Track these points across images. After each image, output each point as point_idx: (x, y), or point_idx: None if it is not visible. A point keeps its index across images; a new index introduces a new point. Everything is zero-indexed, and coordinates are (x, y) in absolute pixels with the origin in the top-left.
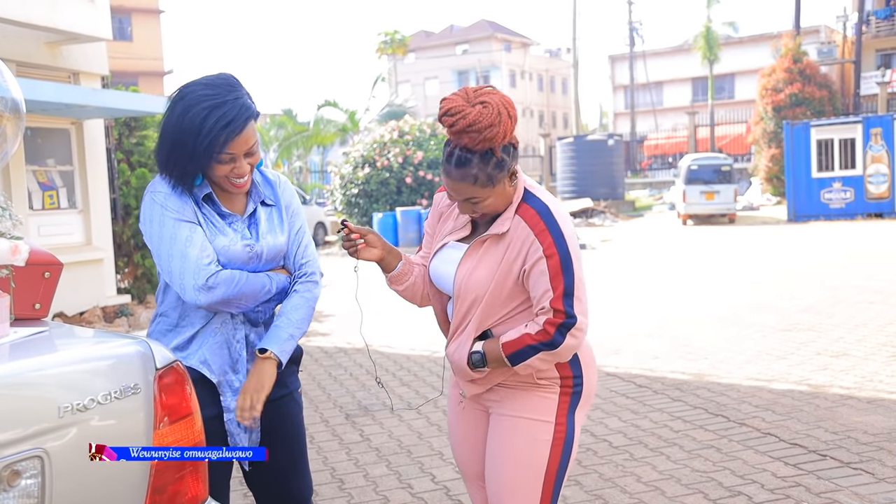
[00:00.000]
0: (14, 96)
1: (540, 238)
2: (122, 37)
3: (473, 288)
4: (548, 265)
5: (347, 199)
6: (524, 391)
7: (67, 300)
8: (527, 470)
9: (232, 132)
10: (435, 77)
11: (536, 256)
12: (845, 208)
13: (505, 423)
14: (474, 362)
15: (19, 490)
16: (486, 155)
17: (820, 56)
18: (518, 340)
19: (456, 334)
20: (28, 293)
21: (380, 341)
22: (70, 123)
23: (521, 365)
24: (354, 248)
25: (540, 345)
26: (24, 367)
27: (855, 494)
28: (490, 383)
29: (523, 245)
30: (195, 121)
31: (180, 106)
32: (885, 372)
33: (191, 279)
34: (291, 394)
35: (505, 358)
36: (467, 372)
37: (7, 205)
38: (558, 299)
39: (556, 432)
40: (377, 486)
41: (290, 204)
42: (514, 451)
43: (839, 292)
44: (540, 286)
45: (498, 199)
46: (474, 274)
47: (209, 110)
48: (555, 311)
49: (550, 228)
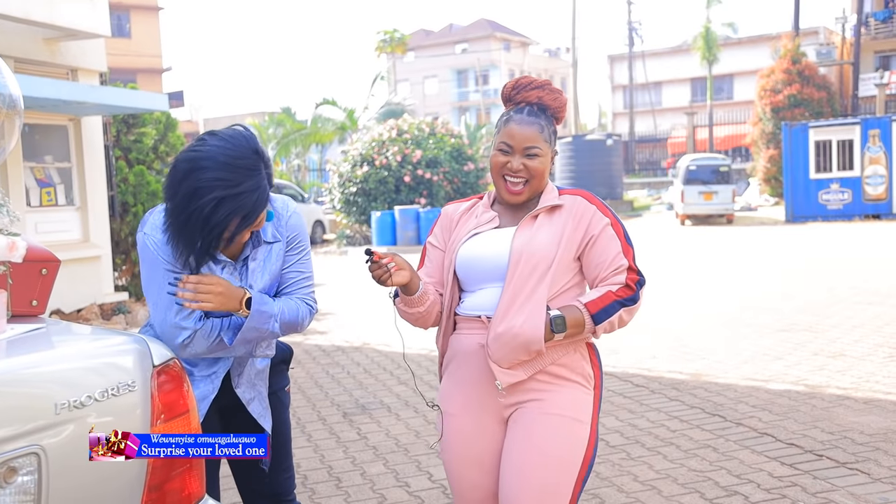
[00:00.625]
0: (12, 92)
1: (602, 211)
2: (121, 33)
3: (537, 251)
4: (615, 231)
5: (346, 197)
6: (565, 387)
7: (65, 297)
8: (565, 471)
9: (247, 222)
10: (434, 76)
11: (603, 224)
12: (843, 209)
13: (545, 423)
14: (555, 326)
15: (16, 487)
16: (550, 119)
17: (819, 57)
18: (603, 297)
19: (513, 307)
20: (25, 290)
21: (378, 340)
22: (68, 120)
23: (606, 322)
24: (388, 273)
25: (625, 300)
26: (20, 363)
27: (851, 494)
28: (534, 368)
29: (584, 216)
30: (204, 210)
31: (190, 183)
32: (881, 372)
33: (169, 335)
34: (276, 392)
35: (589, 317)
36: (534, 345)
37: (4, 201)
38: (632, 260)
39: (591, 436)
40: (374, 484)
41: (296, 238)
42: (556, 450)
43: (836, 293)
44: (612, 249)
45: (543, 168)
46: (535, 239)
47: (218, 202)
48: (631, 269)
49: (606, 206)
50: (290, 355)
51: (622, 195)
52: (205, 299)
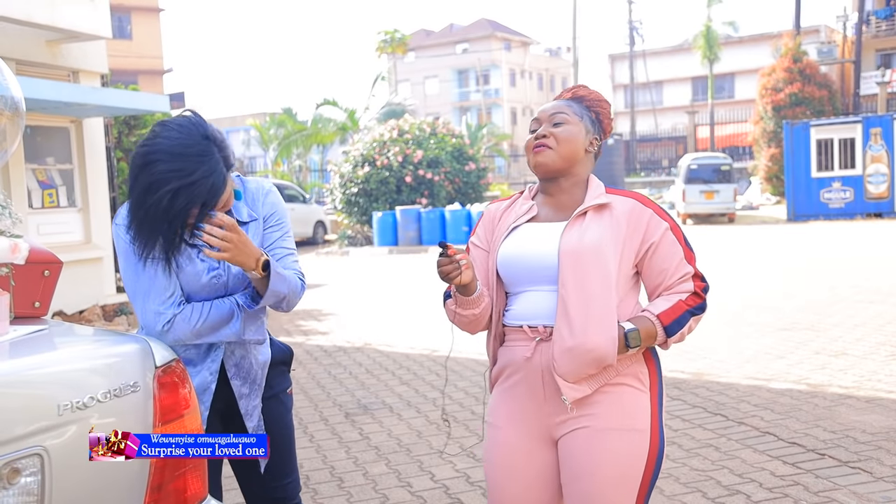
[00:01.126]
0: (14, 94)
1: (660, 215)
2: (122, 35)
3: (592, 248)
4: (675, 236)
5: (347, 197)
6: (621, 394)
7: (67, 299)
8: (620, 489)
9: (208, 207)
10: (435, 76)
11: (663, 228)
12: (845, 208)
13: (600, 440)
14: (630, 340)
15: (19, 488)
16: (586, 107)
17: (820, 56)
18: (675, 308)
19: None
20: (28, 291)
21: (379, 340)
22: (69, 122)
23: (677, 334)
24: (458, 270)
25: (694, 309)
26: (23, 365)
27: (853, 493)
28: (599, 382)
29: (640, 221)
30: (161, 203)
31: (144, 178)
32: (883, 371)
33: (150, 321)
34: (277, 395)
35: (661, 329)
36: (607, 359)
37: (7, 203)
38: (695, 266)
39: (652, 441)
40: (376, 484)
41: (273, 216)
42: (609, 470)
43: (838, 292)
44: (675, 255)
45: (572, 139)
46: (587, 235)
47: (174, 193)
48: (697, 276)
49: (662, 209)
50: (291, 356)
51: None
52: (224, 247)
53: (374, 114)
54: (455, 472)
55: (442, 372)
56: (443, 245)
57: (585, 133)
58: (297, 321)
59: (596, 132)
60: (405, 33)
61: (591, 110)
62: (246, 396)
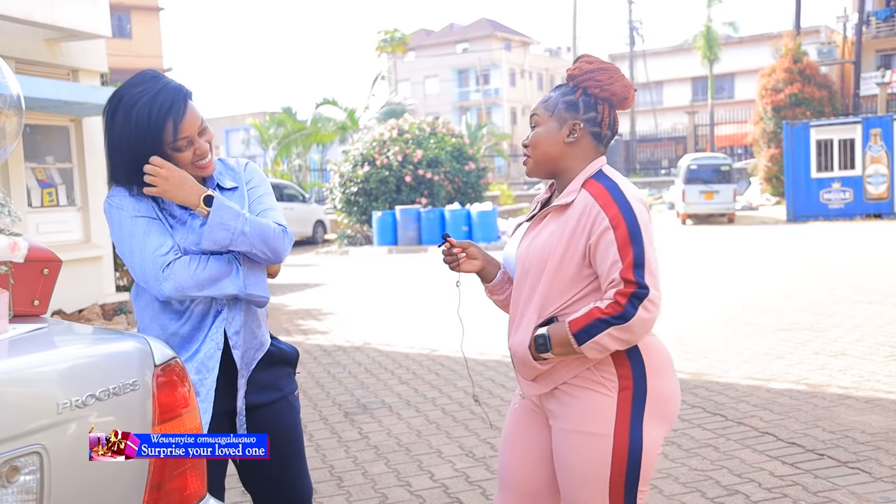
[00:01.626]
0: (14, 93)
1: (605, 209)
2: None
3: (533, 256)
4: (615, 235)
5: (347, 197)
6: (581, 397)
7: (66, 297)
8: (586, 489)
9: (178, 113)
10: (435, 75)
11: (602, 227)
12: (844, 209)
13: (561, 439)
14: (538, 346)
15: (18, 486)
16: (571, 89)
17: (820, 56)
18: (586, 315)
19: (515, 321)
20: (27, 290)
21: (379, 339)
22: (69, 121)
23: (590, 343)
24: (456, 261)
25: (611, 318)
26: (23, 363)
27: (852, 493)
28: (553, 382)
29: (588, 217)
30: (142, 118)
31: (121, 113)
32: (882, 372)
33: (150, 270)
34: (286, 397)
35: (571, 336)
36: (530, 364)
37: (6, 202)
38: (628, 269)
39: (616, 445)
40: (375, 483)
41: (253, 180)
42: (571, 469)
43: (837, 292)
44: (608, 257)
45: (541, 140)
46: (535, 242)
47: (149, 104)
48: (625, 281)
49: (618, 201)
50: (296, 358)
51: None
52: (155, 182)
53: (374, 113)
54: (454, 471)
55: (441, 371)
56: (444, 237)
57: (559, 125)
58: (296, 320)
59: (585, 112)
60: (405, 33)
61: (577, 90)
62: (250, 365)
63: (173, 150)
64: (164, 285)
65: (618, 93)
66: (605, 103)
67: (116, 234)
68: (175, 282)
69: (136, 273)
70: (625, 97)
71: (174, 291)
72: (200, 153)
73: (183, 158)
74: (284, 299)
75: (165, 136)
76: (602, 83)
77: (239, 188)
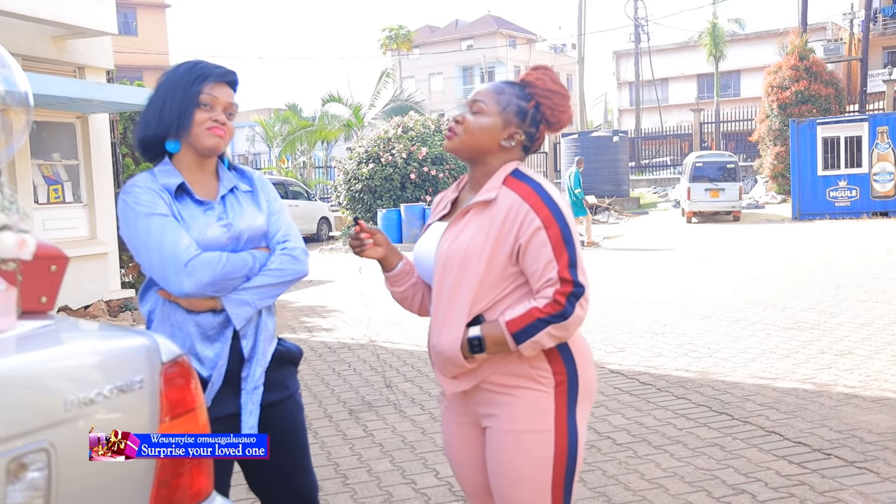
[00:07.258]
0: (22, 90)
1: (536, 209)
2: (128, 31)
3: (456, 255)
4: (548, 235)
5: (351, 194)
6: (522, 396)
7: (72, 294)
8: (531, 487)
9: (214, 75)
10: (440, 72)
11: (534, 227)
12: (851, 206)
13: (503, 441)
14: (472, 347)
15: (26, 483)
16: (526, 95)
17: (826, 53)
18: (525, 315)
19: (439, 320)
20: (34, 287)
21: (384, 337)
22: (75, 117)
23: (529, 342)
24: (361, 246)
25: (550, 317)
26: (30, 360)
27: (859, 493)
28: (476, 379)
29: (516, 216)
30: (177, 73)
31: (164, 80)
32: (889, 371)
33: (171, 267)
34: (292, 395)
35: (509, 337)
36: (457, 362)
37: (14, 198)
38: (564, 268)
39: (558, 439)
40: (380, 481)
41: (267, 189)
42: (516, 470)
43: (844, 291)
44: (542, 257)
45: (478, 132)
46: (459, 238)
47: (192, 65)
48: (562, 280)
49: (546, 202)
50: (300, 356)
51: (628, 192)
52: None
53: (379, 110)
54: None
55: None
56: (356, 220)
57: (503, 126)
58: (301, 318)
59: (530, 124)
60: (410, 29)
61: (531, 100)
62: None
63: (196, 104)
64: (186, 281)
65: (562, 121)
66: (547, 125)
67: (131, 232)
68: (199, 278)
69: (154, 272)
70: (561, 126)
71: (196, 286)
72: (218, 120)
73: (200, 117)
74: (290, 296)
75: (198, 83)
76: (556, 108)
77: (254, 192)
